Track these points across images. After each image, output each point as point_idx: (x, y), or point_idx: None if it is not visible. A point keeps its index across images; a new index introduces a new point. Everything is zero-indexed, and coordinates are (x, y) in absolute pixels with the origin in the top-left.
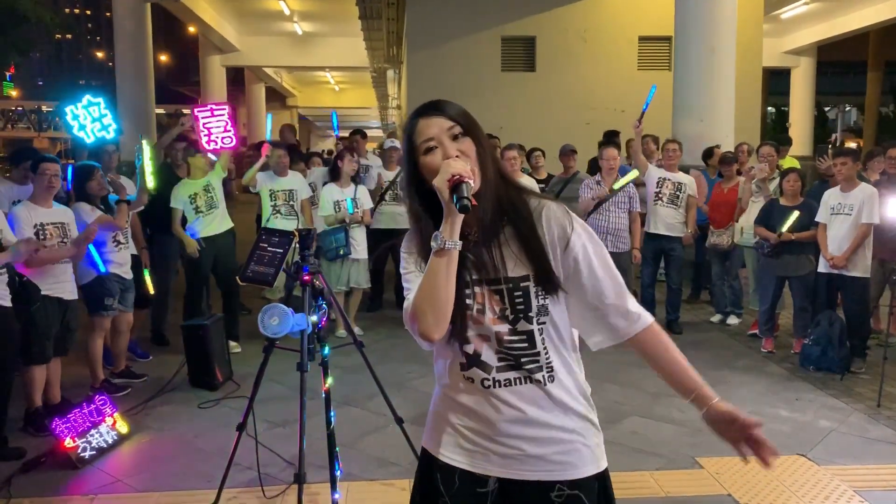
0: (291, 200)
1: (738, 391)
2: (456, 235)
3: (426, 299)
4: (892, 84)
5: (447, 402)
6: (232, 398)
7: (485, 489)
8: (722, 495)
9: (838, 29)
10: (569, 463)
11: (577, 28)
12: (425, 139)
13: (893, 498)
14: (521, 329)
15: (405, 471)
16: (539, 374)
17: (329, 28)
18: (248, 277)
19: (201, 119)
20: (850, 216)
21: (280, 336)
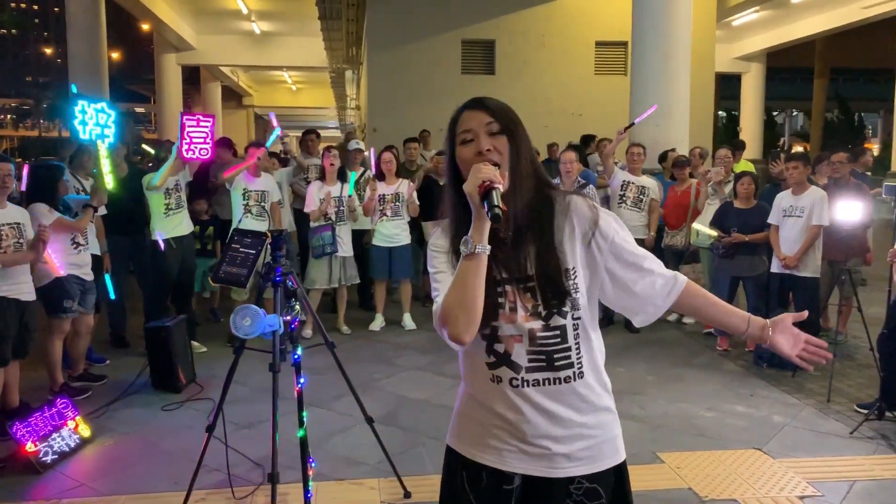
0: (263, 202)
1: (696, 388)
2: (485, 240)
3: (456, 303)
4: (837, 91)
5: (473, 402)
6: (196, 400)
7: (510, 486)
8: (683, 489)
9: (786, 36)
10: (591, 458)
11: (536, 32)
12: (463, 130)
13: (844, 488)
14: (553, 324)
15: (374, 470)
16: (569, 372)
17: (287, 28)
18: (220, 278)
19: (187, 126)
20: (801, 218)
21: (252, 337)
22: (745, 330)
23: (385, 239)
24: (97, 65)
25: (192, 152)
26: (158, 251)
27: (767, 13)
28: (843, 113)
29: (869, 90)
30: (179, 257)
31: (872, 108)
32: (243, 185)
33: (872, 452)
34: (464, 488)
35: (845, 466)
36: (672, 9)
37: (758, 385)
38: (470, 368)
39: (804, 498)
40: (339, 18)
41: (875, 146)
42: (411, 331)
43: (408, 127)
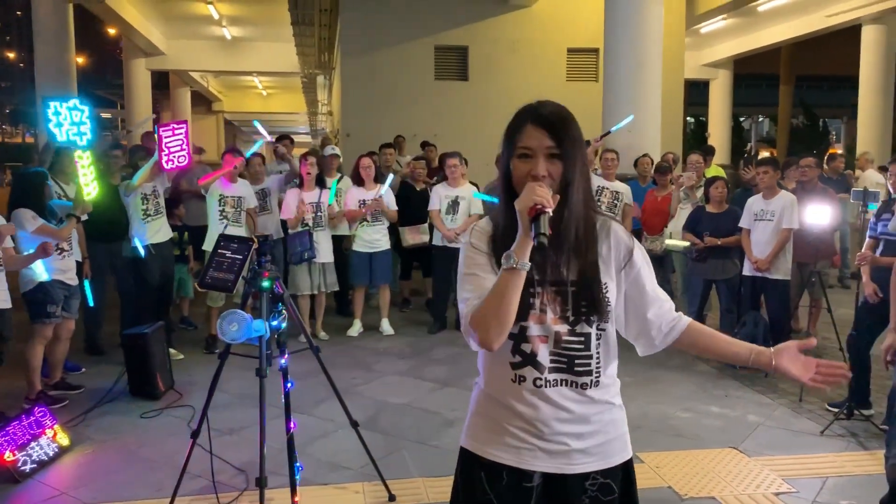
0: (239, 207)
1: (671, 389)
2: (527, 258)
3: (491, 313)
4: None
5: (492, 401)
6: (175, 407)
7: (531, 483)
8: (663, 487)
9: (753, 44)
10: (604, 453)
11: (508, 39)
12: (524, 146)
13: (818, 485)
14: (579, 331)
15: (357, 474)
16: (587, 379)
17: (259, 33)
18: (207, 284)
19: (164, 138)
20: (772, 222)
21: (239, 342)
22: (748, 359)
23: (366, 244)
24: (65, 69)
25: (172, 162)
26: (140, 258)
27: (734, 21)
28: (809, 119)
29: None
30: (159, 264)
31: (836, 114)
32: (219, 192)
33: (843, 450)
34: (483, 489)
35: (818, 463)
36: (644, 16)
37: (731, 386)
38: (491, 369)
39: (780, 494)
40: (312, 24)
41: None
42: (389, 336)
43: (381, 132)
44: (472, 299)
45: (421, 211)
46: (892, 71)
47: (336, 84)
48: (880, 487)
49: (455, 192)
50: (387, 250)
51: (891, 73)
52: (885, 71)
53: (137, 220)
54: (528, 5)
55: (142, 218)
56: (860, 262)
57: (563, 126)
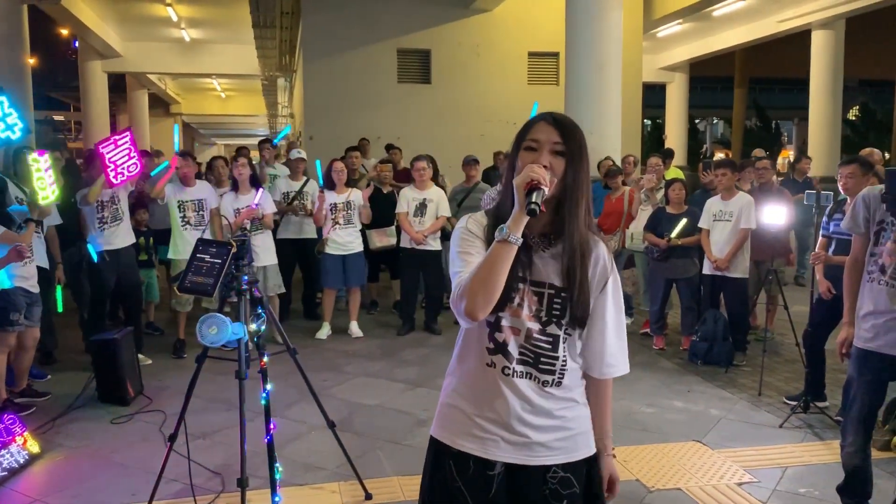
0: (202, 210)
1: (636, 386)
2: (520, 232)
3: (481, 281)
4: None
5: (463, 389)
6: (146, 412)
7: (493, 472)
8: (631, 480)
9: (708, 48)
10: (566, 448)
11: (470, 43)
12: (532, 138)
13: (778, 474)
14: (549, 332)
15: (333, 474)
16: (548, 377)
17: (218, 35)
18: (186, 288)
19: (106, 155)
20: (731, 222)
21: (217, 345)
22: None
23: (339, 247)
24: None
25: (121, 175)
26: (93, 264)
27: (690, 26)
28: (762, 121)
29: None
30: (115, 270)
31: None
32: (177, 198)
33: (801, 440)
34: (453, 477)
35: (777, 454)
36: (603, 21)
37: (693, 381)
38: (468, 351)
39: (742, 484)
40: (273, 27)
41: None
42: (358, 338)
43: (345, 135)
44: (463, 273)
45: (388, 214)
46: (840, 74)
47: (298, 87)
48: (836, 475)
49: (423, 194)
50: (359, 252)
51: (839, 77)
52: (833, 74)
53: (93, 227)
54: (489, 9)
55: (98, 225)
56: (814, 261)
57: (572, 128)
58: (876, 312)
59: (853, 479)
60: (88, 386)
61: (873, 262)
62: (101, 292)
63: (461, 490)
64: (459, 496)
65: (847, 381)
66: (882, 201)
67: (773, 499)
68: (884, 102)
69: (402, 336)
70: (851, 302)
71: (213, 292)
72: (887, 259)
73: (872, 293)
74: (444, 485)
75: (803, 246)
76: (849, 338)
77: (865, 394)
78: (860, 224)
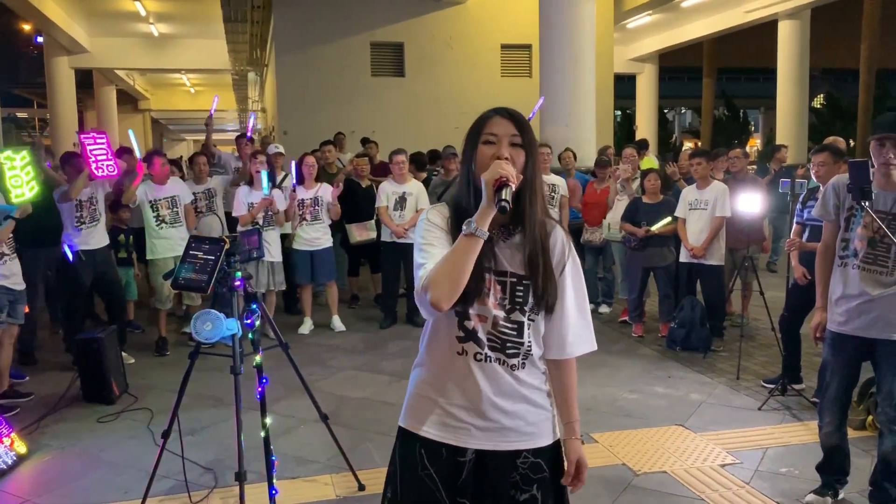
0: (175, 206)
1: (618, 373)
2: (486, 226)
3: (446, 273)
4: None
5: (433, 379)
6: (132, 410)
7: (464, 458)
8: (617, 465)
9: (677, 38)
10: (535, 433)
11: (444, 35)
12: (490, 132)
13: (759, 455)
14: (514, 319)
15: (325, 467)
16: (515, 360)
17: (188, 30)
18: (179, 285)
19: (88, 146)
20: (706, 211)
21: (213, 341)
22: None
23: (306, 243)
24: None
25: (102, 170)
26: (69, 263)
27: (659, 17)
28: (730, 110)
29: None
30: (91, 270)
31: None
32: (149, 199)
33: (780, 422)
34: (424, 464)
35: (758, 436)
36: (577, 13)
37: (673, 367)
38: (437, 341)
39: (725, 466)
40: (245, 21)
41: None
42: (341, 332)
43: (319, 129)
44: (427, 265)
45: (366, 208)
46: (806, 64)
47: (270, 81)
48: (815, 455)
49: (402, 188)
50: (328, 248)
51: (805, 66)
52: (800, 64)
53: (70, 226)
54: (462, 2)
55: (75, 224)
56: (789, 247)
57: (525, 122)
58: (848, 296)
59: (831, 458)
60: (73, 385)
61: (844, 247)
62: (77, 292)
63: (431, 476)
64: (430, 482)
65: (822, 364)
66: (847, 191)
67: (755, 479)
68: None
69: (384, 329)
70: (824, 287)
71: (208, 289)
72: (858, 244)
73: (844, 277)
74: (413, 472)
75: (777, 233)
76: (822, 322)
77: (841, 375)
78: (830, 211)
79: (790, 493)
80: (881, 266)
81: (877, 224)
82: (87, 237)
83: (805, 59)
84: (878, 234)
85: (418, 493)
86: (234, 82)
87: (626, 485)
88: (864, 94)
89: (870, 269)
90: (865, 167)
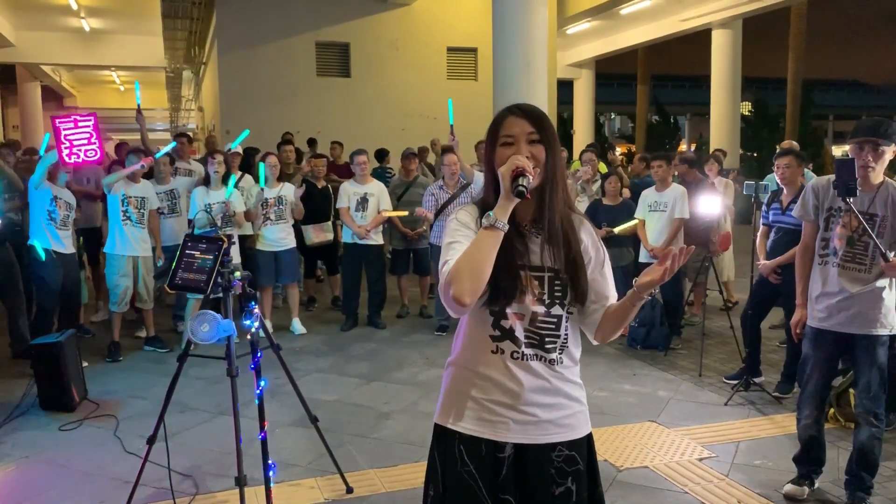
0: (142, 208)
1: (585, 372)
2: (506, 218)
3: (467, 266)
4: (656, 96)
5: (468, 377)
6: (95, 418)
7: (503, 454)
8: (600, 461)
9: (614, 45)
10: (570, 426)
11: (390, 37)
12: (507, 134)
13: (733, 448)
14: (554, 313)
15: (307, 470)
16: (553, 355)
17: (122, 25)
18: (177, 285)
19: (63, 131)
20: (665, 212)
21: (210, 342)
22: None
23: (270, 243)
24: None
25: (76, 156)
26: (39, 261)
27: (598, 23)
28: (661, 116)
29: (676, 95)
30: (61, 272)
31: (681, 111)
32: (122, 190)
33: (746, 416)
34: (464, 461)
35: (728, 430)
36: (530, 18)
37: (636, 365)
38: (472, 341)
39: (703, 459)
40: (185, 17)
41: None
42: (302, 335)
43: (263, 129)
44: (451, 261)
45: (323, 209)
46: (738, 72)
47: (209, 79)
48: (785, 447)
49: (363, 188)
50: (292, 248)
51: (738, 74)
52: (732, 72)
53: (42, 222)
54: (407, 3)
55: (47, 222)
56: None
57: (542, 116)
58: (828, 294)
59: (809, 450)
60: (29, 392)
61: (824, 246)
62: (50, 296)
63: (472, 474)
64: (470, 479)
65: (802, 359)
66: (833, 188)
67: (733, 471)
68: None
69: (345, 332)
70: (804, 285)
71: (208, 289)
72: (837, 243)
73: (824, 275)
74: (454, 469)
75: None
76: (802, 319)
77: (821, 370)
78: (810, 212)
79: (767, 483)
80: (859, 264)
81: (856, 223)
82: (64, 239)
83: (737, 68)
84: (857, 233)
85: (460, 489)
86: (169, 80)
87: (611, 480)
88: (791, 103)
89: (849, 267)
90: (852, 165)
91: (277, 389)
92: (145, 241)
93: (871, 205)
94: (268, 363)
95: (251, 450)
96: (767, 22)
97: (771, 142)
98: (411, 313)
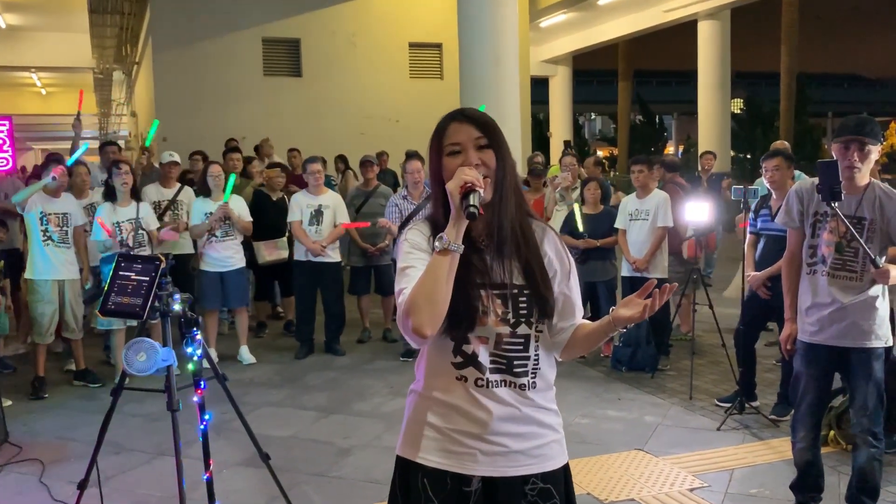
0: (65, 225)
1: (565, 397)
2: (460, 239)
3: (424, 296)
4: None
5: (431, 406)
6: (17, 462)
7: (469, 488)
8: (582, 494)
9: (592, 39)
10: (544, 456)
11: (346, 31)
12: (452, 142)
13: (726, 477)
14: (520, 332)
15: None
16: (524, 379)
17: (43, 22)
18: (110, 311)
19: None
20: (647, 221)
21: (147, 374)
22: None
23: (216, 263)
24: None
25: None
26: None
27: (574, 15)
28: (645, 115)
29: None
30: None
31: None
32: (39, 207)
33: (741, 442)
34: (428, 496)
35: (721, 457)
36: (499, 12)
37: (621, 388)
38: (434, 368)
39: (694, 489)
40: (115, 12)
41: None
42: (251, 365)
43: (204, 134)
44: (406, 290)
45: (278, 223)
46: (728, 67)
47: (143, 81)
48: (783, 474)
49: (318, 200)
50: (241, 269)
51: (727, 69)
52: (720, 66)
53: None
54: None
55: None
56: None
57: (487, 119)
58: (819, 305)
59: (806, 475)
60: None
61: (812, 254)
62: None
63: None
64: None
65: (795, 377)
66: (817, 192)
67: (727, 501)
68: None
69: (300, 360)
70: (792, 298)
71: (144, 315)
72: (825, 250)
73: (814, 285)
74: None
75: None
76: (792, 334)
77: (815, 388)
78: (795, 218)
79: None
80: (850, 272)
81: (843, 228)
82: None
83: (726, 62)
84: (845, 239)
85: None
86: (97, 82)
87: None
88: (785, 99)
89: (839, 276)
90: (835, 168)
91: (224, 425)
92: (72, 263)
93: (857, 208)
94: (213, 396)
95: (196, 494)
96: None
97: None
98: (373, 337)
